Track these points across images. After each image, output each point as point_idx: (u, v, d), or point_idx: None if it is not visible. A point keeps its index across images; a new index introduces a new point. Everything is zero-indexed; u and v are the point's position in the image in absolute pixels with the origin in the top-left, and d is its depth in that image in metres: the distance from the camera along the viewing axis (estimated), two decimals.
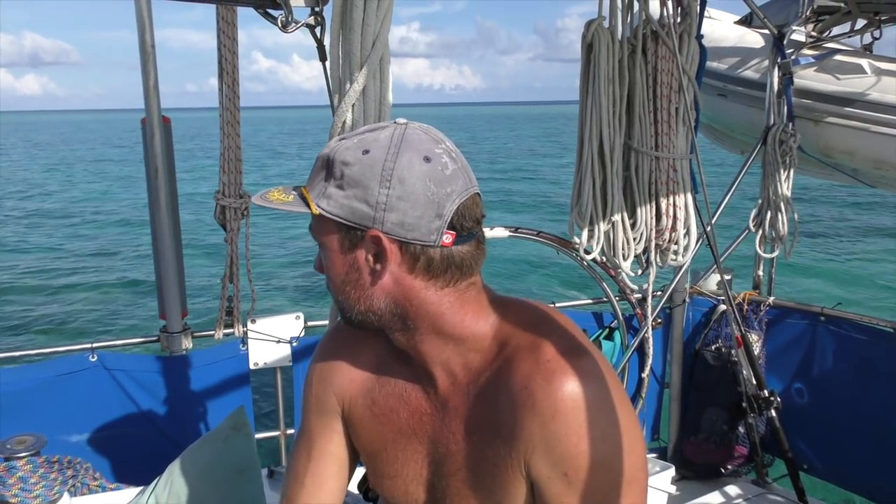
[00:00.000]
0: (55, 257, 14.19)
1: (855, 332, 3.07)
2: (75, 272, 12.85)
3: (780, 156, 3.09)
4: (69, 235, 16.71)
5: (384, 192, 1.04)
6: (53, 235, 16.68)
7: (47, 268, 13.15)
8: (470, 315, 1.13)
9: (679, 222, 2.74)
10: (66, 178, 30.94)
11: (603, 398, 1.07)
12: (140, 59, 2.71)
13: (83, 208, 21.10)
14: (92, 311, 10.42)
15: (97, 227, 17.91)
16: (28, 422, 2.58)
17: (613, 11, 2.60)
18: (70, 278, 12.40)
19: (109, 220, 18.64)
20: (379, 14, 1.37)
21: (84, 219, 19.12)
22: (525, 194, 25.01)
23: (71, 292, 11.46)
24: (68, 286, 11.85)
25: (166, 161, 2.79)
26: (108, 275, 12.59)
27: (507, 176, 31.22)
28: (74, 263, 13.62)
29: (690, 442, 3.41)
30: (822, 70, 3.25)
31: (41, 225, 18.20)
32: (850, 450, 3.08)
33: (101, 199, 22.71)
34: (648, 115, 2.68)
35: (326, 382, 1.29)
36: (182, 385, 2.95)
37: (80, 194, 24.68)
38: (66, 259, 14.02)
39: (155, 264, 2.93)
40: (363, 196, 1.05)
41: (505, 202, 22.19)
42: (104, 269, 13.04)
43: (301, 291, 11.05)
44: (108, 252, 14.70)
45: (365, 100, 1.44)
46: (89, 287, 11.78)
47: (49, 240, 16.07)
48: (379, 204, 1.04)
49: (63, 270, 12.96)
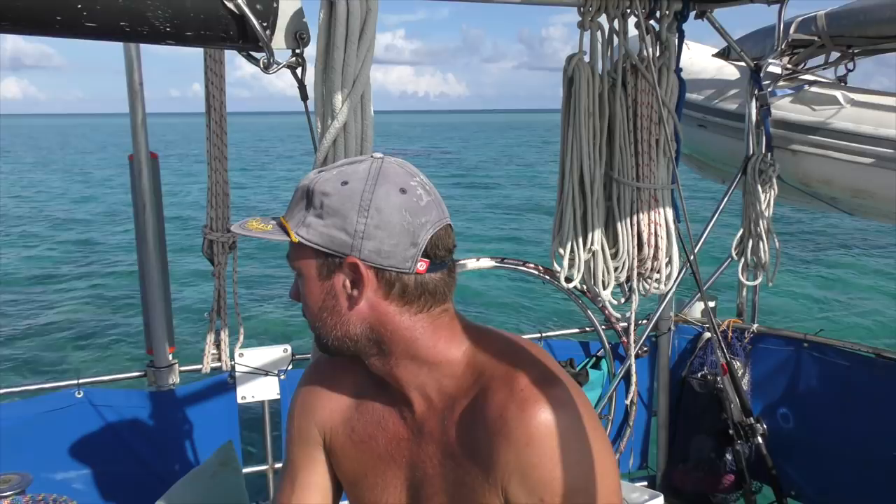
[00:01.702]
0: (40, 291, 14.09)
1: (838, 358, 3.11)
2: (60, 306, 12.76)
3: (759, 185, 3.15)
4: (54, 266, 16.60)
5: (362, 221, 1.08)
6: (38, 267, 16.56)
7: (32, 301, 13.05)
8: (443, 340, 1.17)
9: (661, 251, 2.78)
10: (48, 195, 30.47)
11: (576, 425, 1.10)
12: (128, 98, 2.74)
13: (68, 236, 20.93)
14: (78, 346, 10.34)
15: (84, 259, 17.80)
16: (13, 460, 2.56)
17: (593, 46, 2.67)
18: (55, 313, 12.30)
19: (96, 252, 18.54)
20: (359, 55, 1.41)
21: (69, 251, 18.98)
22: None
23: (56, 327, 11.37)
24: (53, 321, 11.76)
25: (154, 197, 2.82)
26: (95, 309, 12.51)
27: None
28: (59, 297, 13.53)
29: (679, 470, 3.42)
30: (798, 101, 3.32)
31: (26, 253, 18.06)
32: (837, 475, 3.10)
33: (88, 228, 22.52)
34: (629, 147, 2.73)
35: (308, 414, 1.31)
36: (169, 420, 2.94)
37: (67, 217, 24.36)
38: (51, 293, 13.93)
39: (142, 299, 2.93)
40: (342, 225, 1.09)
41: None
42: (90, 304, 12.96)
43: (288, 324, 11.01)
44: (93, 285, 14.62)
45: (346, 136, 1.48)
46: (75, 322, 11.69)
47: (33, 272, 15.96)
48: (357, 232, 1.08)
49: (48, 304, 12.87)
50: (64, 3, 1.28)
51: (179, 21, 1.35)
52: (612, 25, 2.68)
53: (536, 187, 29.64)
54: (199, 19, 1.36)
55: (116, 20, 1.32)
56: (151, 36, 1.34)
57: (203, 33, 1.37)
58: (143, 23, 1.33)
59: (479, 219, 21.77)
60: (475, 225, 20.68)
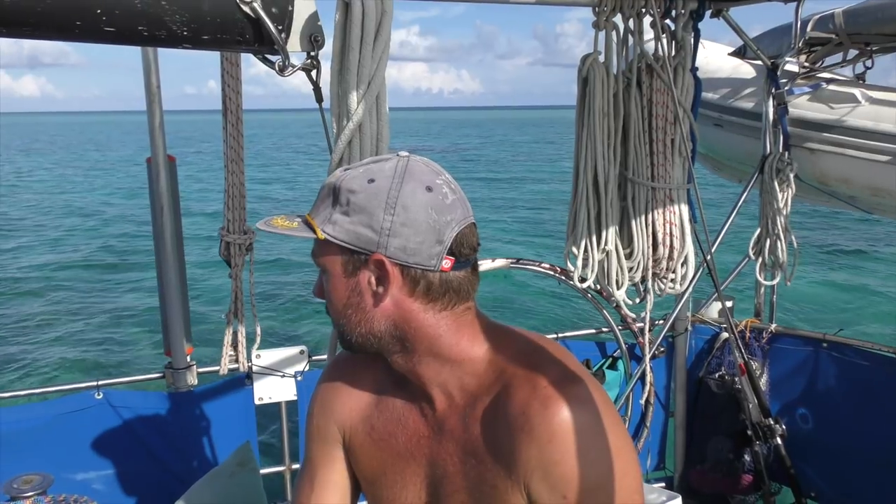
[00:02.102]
0: (59, 294, 14.23)
1: (858, 359, 3.08)
2: (80, 309, 12.88)
3: (777, 184, 3.13)
4: (75, 270, 16.75)
5: (388, 219, 1.09)
6: (58, 272, 16.72)
7: (51, 306, 13.18)
8: (466, 338, 1.17)
9: (676, 251, 2.77)
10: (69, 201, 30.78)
11: (598, 422, 1.10)
12: (146, 101, 2.77)
13: (88, 241, 21.12)
14: (97, 348, 10.43)
15: (102, 261, 17.95)
16: (34, 461, 2.59)
17: (608, 46, 2.66)
18: (75, 315, 12.42)
19: (115, 255, 18.69)
20: (374, 56, 1.42)
21: (89, 253, 19.15)
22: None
23: (76, 329, 11.48)
24: (73, 323, 11.87)
25: (171, 199, 2.84)
26: (114, 311, 12.62)
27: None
28: (79, 300, 13.66)
29: (696, 471, 3.40)
30: (816, 100, 3.29)
31: (46, 259, 18.25)
32: (857, 477, 3.07)
33: (106, 231, 22.70)
34: (644, 147, 2.72)
35: (328, 412, 1.32)
36: (187, 421, 2.96)
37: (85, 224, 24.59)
38: (71, 295, 14.06)
39: (160, 301, 2.96)
40: (368, 222, 1.10)
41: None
42: (109, 306, 13.07)
43: (305, 326, 11.06)
44: (112, 287, 14.74)
45: (362, 137, 1.49)
46: (94, 324, 11.80)
47: (52, 276, 16.12)
48: (383, 229, 1.09)
49: (67, 308, 12.99)
50: (83, 8, 1.30)
51: (196, 25, 1.37)
52: (627, 25, 2.68)
53: (557, 181, 29.61)
54: (216, 23, 1.38)
55: (135, 24, 1.33)
56: (169, 40, 1.36)
57: (219, 37, 1.39)
58: (161, 27, 1.34)
59: (503, 217, 21.75)
60: (500, 223, 20.70)
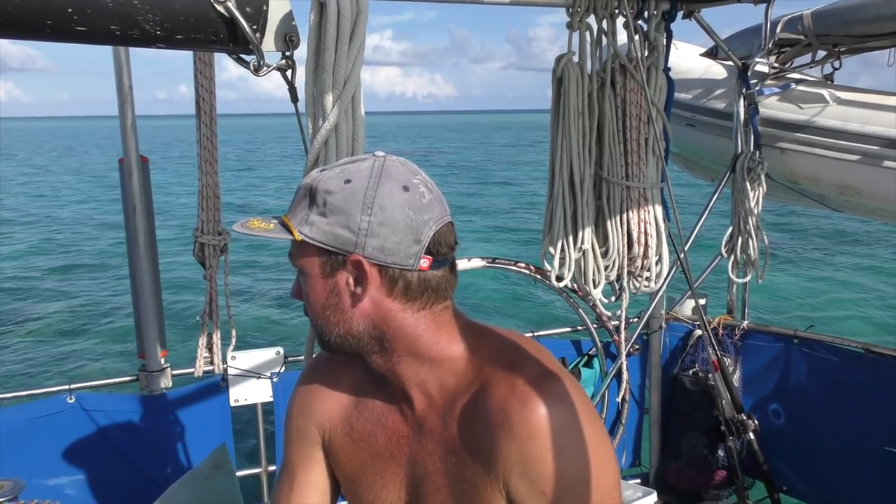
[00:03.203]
0: (28, 296, 14.00)
1: (828, 354, 3.13)
2: (50, 311, 12.68)
3: (748, 183, 3.17)
4: (43, 270, 16.49)
5: (366, 219, 1.09)
6: (27, 271, 16.44)
7: (20, 306, 12.97)
8: (445, 337, 1.18)
9: (651, 249, 2.79)
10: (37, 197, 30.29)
11: (576, 419, 1.11)
12: (118, 101, 2.74)
13: (57, 239, 20.80)
14: (69, 351, 10.28)
15: (73, 260, 17.69)
16: (5, 466, 2.55)
17: (582, 46, 2.68)
18: (45, 317, 12.23)
19: (87, 254, 18.42)
20: (350, 55, 1.42)
21: (58, 252, 18.86)
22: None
23: (46, 332, 11.30)
24: (43, 325, 11.69)
25: (144, 200, 2.81)
26: (86, 313, 12.44)
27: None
28: (49, 301, 13.45)
29: (671, 467, 3.44)
30: (785, 100, 3.34)
31: (16, 263, 17.96)
32: (828, 469, 3.12)
33: (77, 230, 22.38)
34: (618, 146, 2.75)
35: (307, 413, 1.31)
36: (162, 424, 2.93)
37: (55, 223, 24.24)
38: (41, 297, 13.84)
39: (133, 303, 2.92)
40: (345, 222, 1.09)
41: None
42: (81, 307, 12.89)
43: (280, 326, 10.99)
44: (84, 289, 14.54)
45: (338, 137, 1.48)
46: (66, 326, 11.63)
47: (22, 276, 15.85)
48: (361, 230, 1.09)
49: (37, 310, 12.79)
50: (54, 7, 1.28)
51: (170, 24, 1.35)
52: (601, 26, 2.70)
53: (534, 183, 29.76)
54: (190, 22, 1.37)
55: (107, 24, 1.32)
56: (142, 39, 1.34)
57: (193, 36, 1.38)
58: (134, 26, 1.33)
59: (479, 219, 21.81)
60: (476, 223, 20.75)
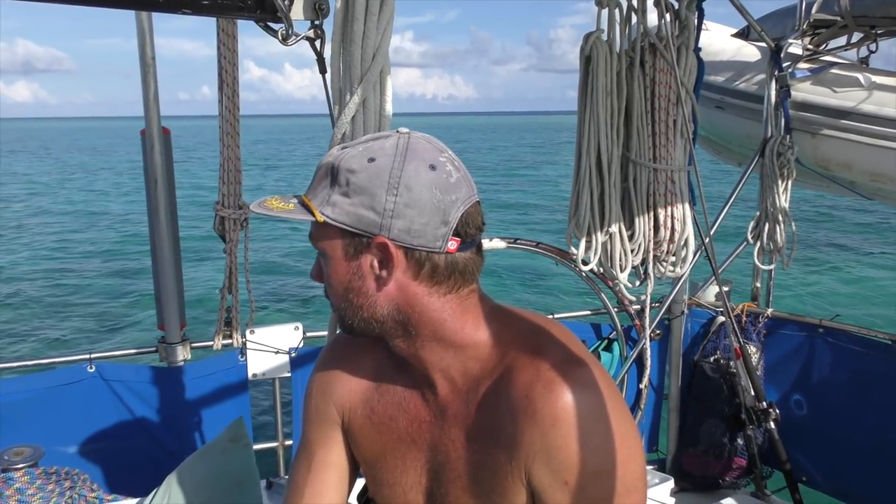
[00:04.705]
0: (53, 267, 14.16)
1: (853, 345, 3.07)
2: (74, 282, 12.83)
3: (777, 168, 3.10)
4: (67, 244, 16.68)
5: (391, 200, 1.04)
6: (50, 245, 16.65)
7: (45, 277, 13.12)
8: (470, 322, 1.14)
9: (677, 234, 2.75)
10: (63, 187, 30.91)
11: (602, 407, 1.08)
12: (140, 71, 2.71)
13: (81, 217, 21.06)
14: (90, 321, 10.40)
15: (96, 235, 17.88)
16: (26, 433, 2.57)
17: (611, 24, 2.62)
18: (68, 288, 12.37)
19: (109, 230, 18.62)
20: (379, 27, 1.38)
21: (82, 228, 19.09)
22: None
23: (69, 302, 11.43)
24: (66, 296, 11.83)
25: (165, 172, 2.80)
26: (107, 284, 12.57)
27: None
28: (73, 273, 13.60)
29: (689, 454, 3.41)
30: (818, 83, 3.26)
31: (38, 233, 18.17)
32: (849, 462, 3.08)
33: (99, 208, 22.66)
34: (646, 127, 2.69)
35: (326, 393, 1.29)
36: (180, 396, 2.94)
37: (79, 203, 24.63)
38: (65, 269, 13.99)
39: (154, 275, 2.93)
40: (370, 203, 1.05)
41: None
42: (103, 279, 13.02)
43: (300, 302, 11.04)
44: (106, 261, 14.68)
45: (365, 111, 1.45)
46: (88, 297, 11.76)
47: (46, 249, 16.04)
48: (386, 211, 1.05)
49: (61, 280, 12.94)
50: None
51: None
52: (631, 3, 2.64)
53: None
54: None
55: None
56: (168, 4, 1.31)
57: (220, 2, 1.34)
58: None
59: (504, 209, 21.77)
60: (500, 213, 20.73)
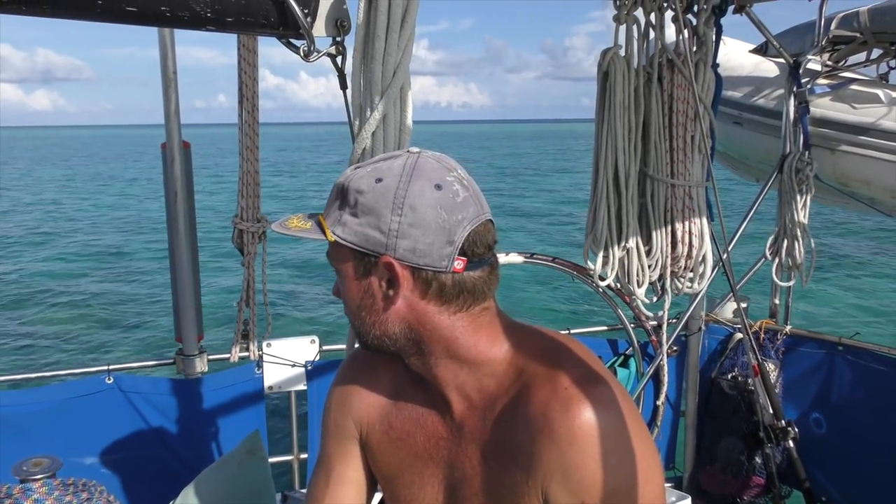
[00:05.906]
0: (71, 278, 14.29)
1: (873, 363, 3.04)
2: (92, 293, 12.93)
3: (796, 184, 3.09)
4: (85, 256, 16.83)
5: (396, 220, 1.06)
6: (69, 256, 16.80)
7: (63, 289, 13.24)
8: (484, 339, 1.14)
9: (695, 249, 2.74)
10: (80, 197, 31.23)
11: (620, 426, 1.07)
12: (162, 85, 2.74)
13: (99, 228, 21.26)
14: (108, 332, 10.47)
15: (115, 246, 18.02)
16: (44, 444, 2.59)
17: (629, 40, 2.62)
18: (87, 300, 12.47)
19: (126, 241, 18.77)
20: (400, 44, 1.39)
21: (99, 238, 19.26)
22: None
23: (87, 314, 11.52)
24: (85, 307, 11.92)
25: (185, 185, 2.82)
26: (125, 296, 12.66)
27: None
28: (91, 284, 13.71)
29: (706, 471, 3.38)
30: (838, 99, 3.25)
31: (56, 245, 18.35)
32: (868, 482, 3.03)
33: (117, 218, 22.87)
34: (664, 143, 2.69)
35: (345, 408, 1.30)
36: (197, 408, 2.95)
37: (97, 214, 24.86)
38: (83, 280, 14.11)
39: (172, 287, 2.95)
40: (376, 223, 1.07)
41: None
42: (121, 291, 13.11)
43: (317, 315, 11.06)
44: (124, 272, 14.80)
45: (385, 127, 1.46)
46: (106, 309, 11.85)
47: (64, 261, 16.19)
48: (391, 231, 1.06)
49: (80, 292, 13.04)
50: None
51: (220, 6, 1.34)
52: (649, 19, 2.65)
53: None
54: (240, 5, 1.35)
55: (158, 5, 1.31)
56: (192, 21, 1.33)
57: (244, 19, 1.36)
58: (185, 8, 1.32)
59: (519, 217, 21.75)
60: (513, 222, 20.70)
